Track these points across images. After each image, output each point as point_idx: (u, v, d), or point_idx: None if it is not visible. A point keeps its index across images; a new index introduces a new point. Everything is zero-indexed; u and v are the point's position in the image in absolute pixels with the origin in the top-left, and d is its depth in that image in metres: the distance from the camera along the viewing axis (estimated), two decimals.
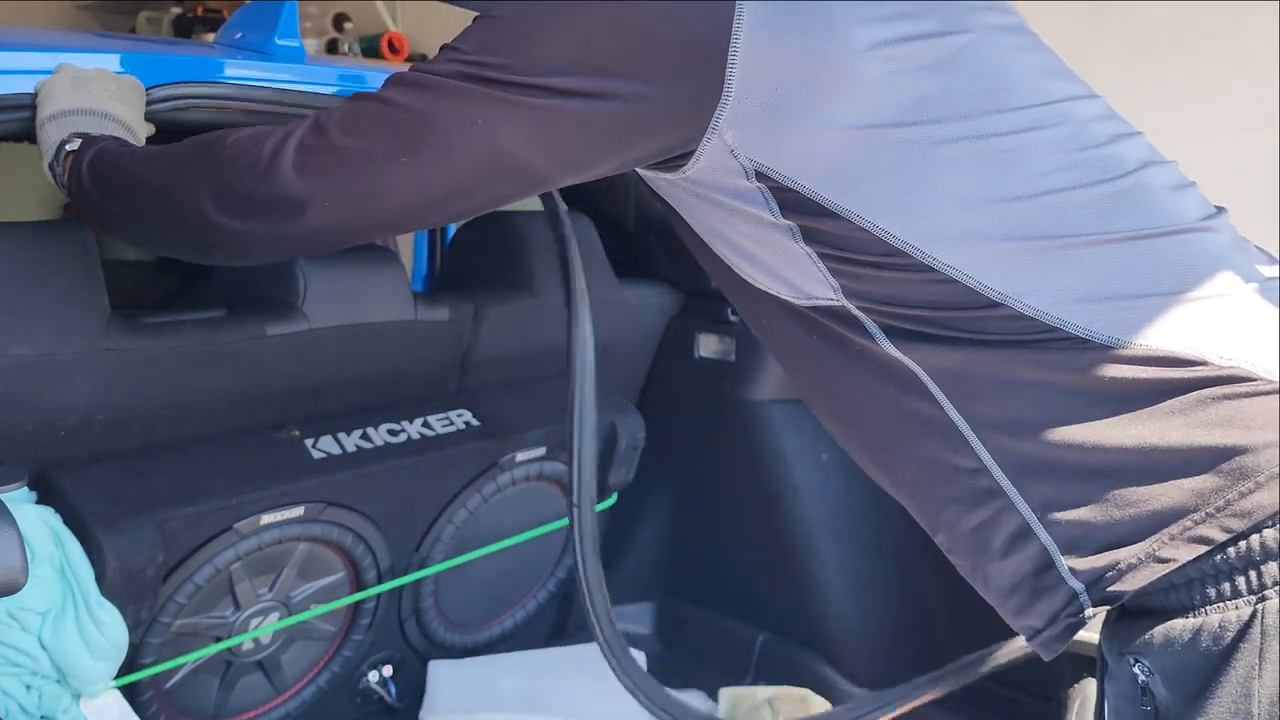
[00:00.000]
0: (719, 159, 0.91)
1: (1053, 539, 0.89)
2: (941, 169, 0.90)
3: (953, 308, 0.90)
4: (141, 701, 1.44)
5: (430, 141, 0.92)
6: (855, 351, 0.96)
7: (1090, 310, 0.88)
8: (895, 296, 0.92)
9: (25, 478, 1.25)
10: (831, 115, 0.88)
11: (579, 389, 1.57)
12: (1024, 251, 0.89)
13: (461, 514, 1.73)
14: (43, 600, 1.22)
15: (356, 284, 1.57)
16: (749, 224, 0.96)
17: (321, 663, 1.70)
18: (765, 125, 0.89)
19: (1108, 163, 0.94)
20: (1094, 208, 0.91)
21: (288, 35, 1.66)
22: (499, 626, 1.96)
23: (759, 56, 0.87)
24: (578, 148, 0.93)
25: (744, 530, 2.05)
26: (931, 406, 0.93)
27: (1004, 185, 0.90)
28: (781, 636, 1.97)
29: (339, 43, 4.44)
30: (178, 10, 4.64)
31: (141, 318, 1.39)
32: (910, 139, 0.89)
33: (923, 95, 0.90)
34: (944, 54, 0.92)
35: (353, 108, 0.96)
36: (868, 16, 0.90)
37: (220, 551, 1.43)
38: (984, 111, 0.91)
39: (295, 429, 1.55)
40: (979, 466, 0.92)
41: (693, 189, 0.97)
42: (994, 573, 0.95)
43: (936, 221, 0.90)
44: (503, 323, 1.76)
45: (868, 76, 0.88)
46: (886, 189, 0.90)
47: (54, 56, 1.32)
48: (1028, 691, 1.80)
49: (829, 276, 0.94)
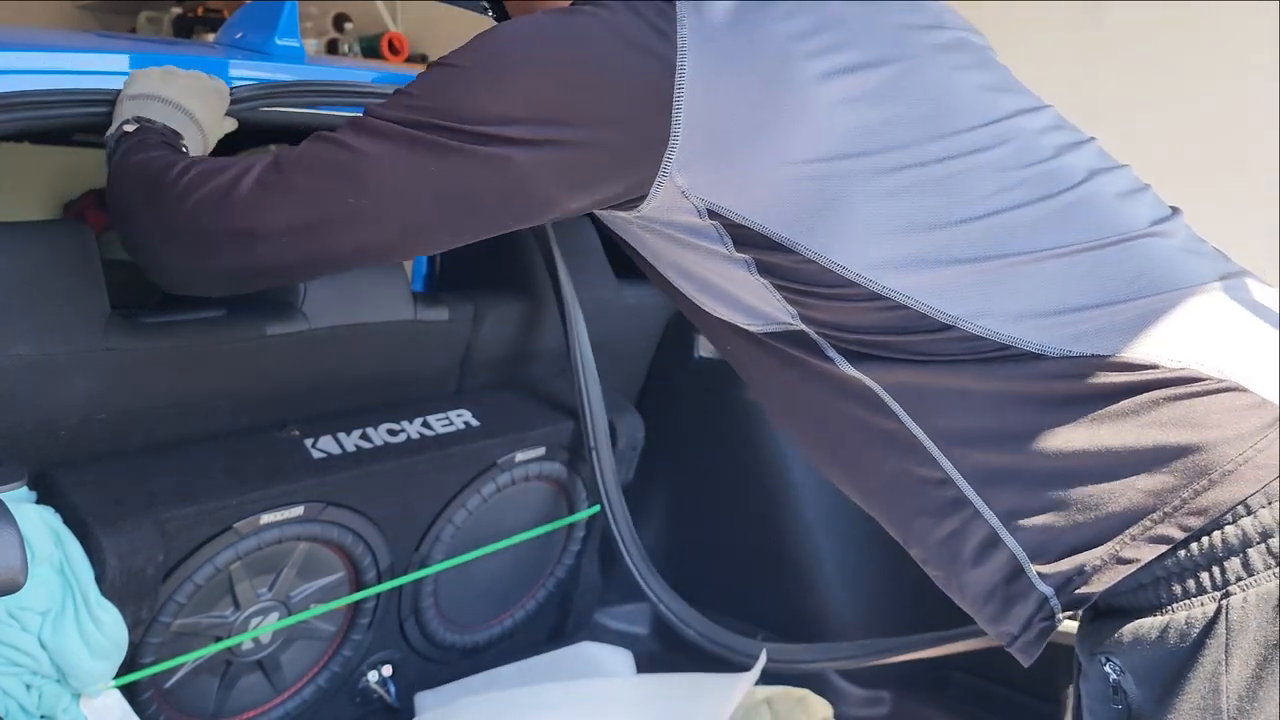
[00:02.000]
0: (671, 199, 0.93)
1: (1020, 546, 0.90)
2: (885, 199, 0.91)
3: (906, 332, 0.92)
4: (141, 701, 1.44)
5: (379, 185, 0.94)
6: (816, 373, 0.98)
7: (1041, 325, 0.90)
8: (849, 324, 0.94)
9: (25, 477, 1.25)
10: (779, 151, 0.90)
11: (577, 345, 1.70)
12: (972, 274, 0.91)
13: (461, 514, 1.74)
14: (43, 600, 1.22)
15: (356, 284, 1.57)
16: (706, 258, 0.97)
17: (321, 662, 1.70)
18: (714, 166, 0.91)
19: (1054, 177, 0.96)
20: (1040, 224, 0.93)
21: (288, 35, 1.66)
22: (499, 626, 1.96)
23: (704, 100, 0.89)
24: (529, 194, 0.94)
25: (743, 530, 2.05)
26: (893, 422, 0.95)
27: (948, 210, 0.92)
28: (781, 636, 1.97)
29: (339, 43, 4.44)
30: (178, 10, 4.64)
31: (141, 318, 1.39)
32: (854, 170, 0.91)
33: (865, 126, 0.92)
34: (884, 83, 0.93)
35: (309, 148, 0.98)
36: (812, 50, 0.92)
37: (220, 551, 1.43)
38: (926, 138, 0.93)
39: (295, 429, 1.56)
40: (944, 478, 0.93)
41: (649, 226, 0.99)
42: (968, 582, 0.97)
43: (883, 251, 0.91)
44: (502, 323, 1.76)
45: (816, 108, 0.90)
46: (833, 222, 0.91)
47: (54, 57, 1.33)
48: (1028, 692, 1.81)
49: (785, 305, 0.96)
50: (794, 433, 1.11)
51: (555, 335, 1.87)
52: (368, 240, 0.97)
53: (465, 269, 1.95)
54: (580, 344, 1.77)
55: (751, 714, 1.70)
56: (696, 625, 1.79)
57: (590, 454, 1.78)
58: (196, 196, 0.98)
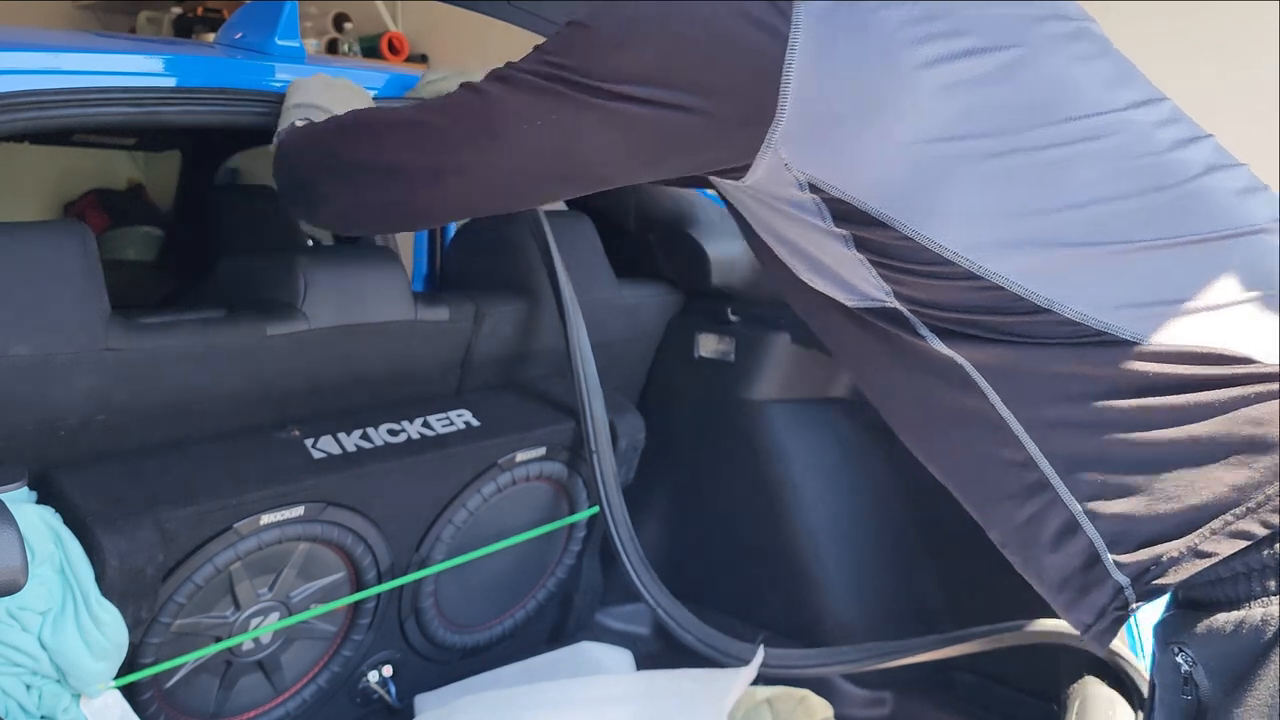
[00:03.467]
0: (774, 172, 0.97)
1: (1099, 533, 0.91)
2: (988, 182, 0.93)
3: (1000, 312, 0.93)
4: (141, 701, 1.44)
5: (507, 129, 1.03)
6: (908, 350, 1.00)
7: (1138, 314, 0.90)
8: (943, 301, 0.96)
9: (25, 477, 1.25)
10: (882, 131, 0.93)
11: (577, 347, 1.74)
12: (1071, 259, 0.92)
13: (461, 514, 1.74)
14: (43, 600, 1.22)
15: (356, 284, 1.57)
16: (806, 230, 1.01)
17: (321, 662, 1.70)
18: (817, 141, 0.94)
19: (1168, 169, 0.96)
20: (1147, 215, 0.94)
21: (288, 35, 1.66)
22: (499, 626, 1.96)
23: (812, 78, 0.92)
24: (642, 150, 1.01)
25: (744, 530, 2.05)
26: (981, 402, 0.96)
27: (1051, 196, 0.93)
28: (781, 636, 1.97)
29: (339, 43, 4.45)
30: (178, 10, 4.64)
31: (141, 318, 1.39)
32: (958, 153, 0.93)
33: (971, 110, 0.93)
34: (995, 69, 0.95)
35: (453, 94, 1.09)
36: (920, 36, 0.94)
37: (220, 551, 1.43)
38: (1033, 125, 0.94)
39: (295, 429, 1.56)
40: (1027, 460, 0.94)
41: (757, 196, 1.03)
42: (1045, 567, 0.98)
43: (982, 231, 0.93)
44: (503, 323, 1.76)
45: (919, 93, 0.93)
46: (933, 201, 0.93)
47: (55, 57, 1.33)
48: (1028, 691, 1.81)
49: (880, 281, 0.98)
50: (882, 409, 1.12)
51: (556, 335, 1.87)
52: (494, 182, 1.07)
53: (465, 269, 1.95)
54: (580, 346, 1.77)
55: (752, 714, 1.70)
56: (694, 630, 1.79)
57: (591, 456, 1.78)
58: (356, 134, 1.14)
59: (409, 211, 1.16)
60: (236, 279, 1.62)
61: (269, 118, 1.43)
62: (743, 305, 1.98)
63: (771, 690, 1.74)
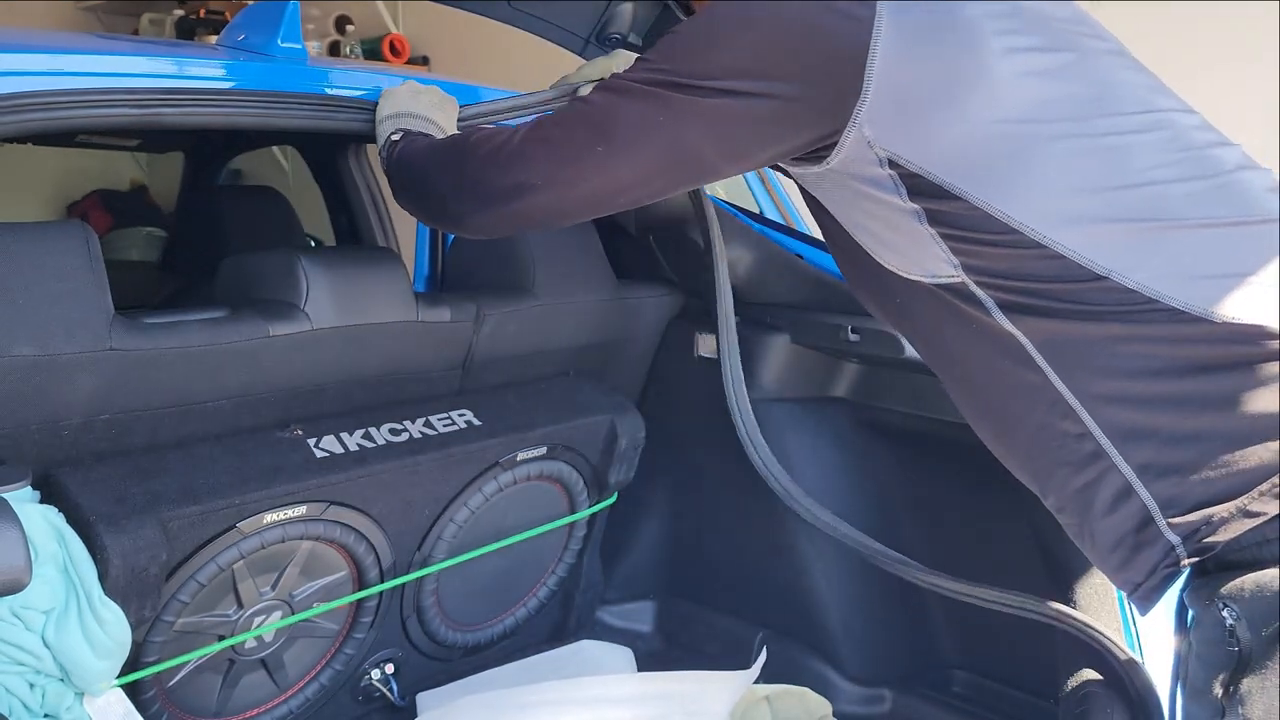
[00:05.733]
0: (858, 150, 1.06)
1: (1152, 497, 1.00)
2: (1055, 160, 1.03)
3: (1060, 280, 1.02)
4: (144, 700, 1.45)
5: (620, 133, 1.12)
6: (974, 327, 1.09)
7: (1187, 286, 0.99)
8: (1008, 270, 1.04)
9: (29, 477, 1.26)
10: (962, 110, 1.03)
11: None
12: (1127, 233, 1.01)
13: (463, 513, 1.74)
14: (46, 599, 1.22)
15: (358, 285, 1.58)
16: (882, 209, 1.10)
17: (324, 661, 1.71)
18: (899, 120, 1.04)
19: (1208, 162, 1.07)
20: (1195, 198, 1.03)
21: (290, 37, 1.67)
22: (500, 625, 1.96)
23: (894, 62, 1.03)
24: (742, 140, 1.11)
25: (744, 529, 2.05)
26: (1039, 376, 1.05)
27: (1111, 176, 1.03)
28: (781, 634, 1.97)
29: (341, 45, 4.45)
30: (180, 12, 4.65)
31: (145, 318, 1.39)
32: (1029, 134, 1.03)
33: (1042, 98, 1.04)
34: (1061, 65, 1.07)
35: (565, 109, 1.20)
36: (1000, 29, 1.05)
37: (223, 550, 1.43)
38: (1096, 115, 1.05)
39: (298, 428, 1.56)
40: (1084, 431, 1.03)
41: (835, 179, 1.12)
42: (1099, 529, 1.05)
43: (1047, 204, 1.02)
44: (504, 323, 1.77)
45: (999, 78, 1.03)
46: (1004, 175, 1.03)
47: (59, 59, 1.33)
48: (1027, 690, 1.81)
49: (950, 255, 1.07)
50: (949, 385, 1.21)
51: (556, 335, 1.88)
52: (614, 185, 1.16)
53: (467, 269, 1.95)
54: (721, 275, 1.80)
55: (751, 712, 1.70)
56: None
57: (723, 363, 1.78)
58: (479, 155, 1.22)
59: (537, 220, 1.24)
60: (239, 279, 1.62)
61: (270, 118, 1.43)
62: (742, 305, 1.98)
63: (771, 688, 1.74)
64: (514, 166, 1.18)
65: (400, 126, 1.41)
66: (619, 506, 2.04)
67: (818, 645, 1.96)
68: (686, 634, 2.15)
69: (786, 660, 1.92)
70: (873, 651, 1.95)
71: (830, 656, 1.95)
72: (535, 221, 1.25)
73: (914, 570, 1.58)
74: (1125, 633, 1.39)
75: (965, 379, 1.17)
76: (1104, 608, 1.42)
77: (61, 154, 3.46)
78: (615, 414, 1.89)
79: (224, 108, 1.43)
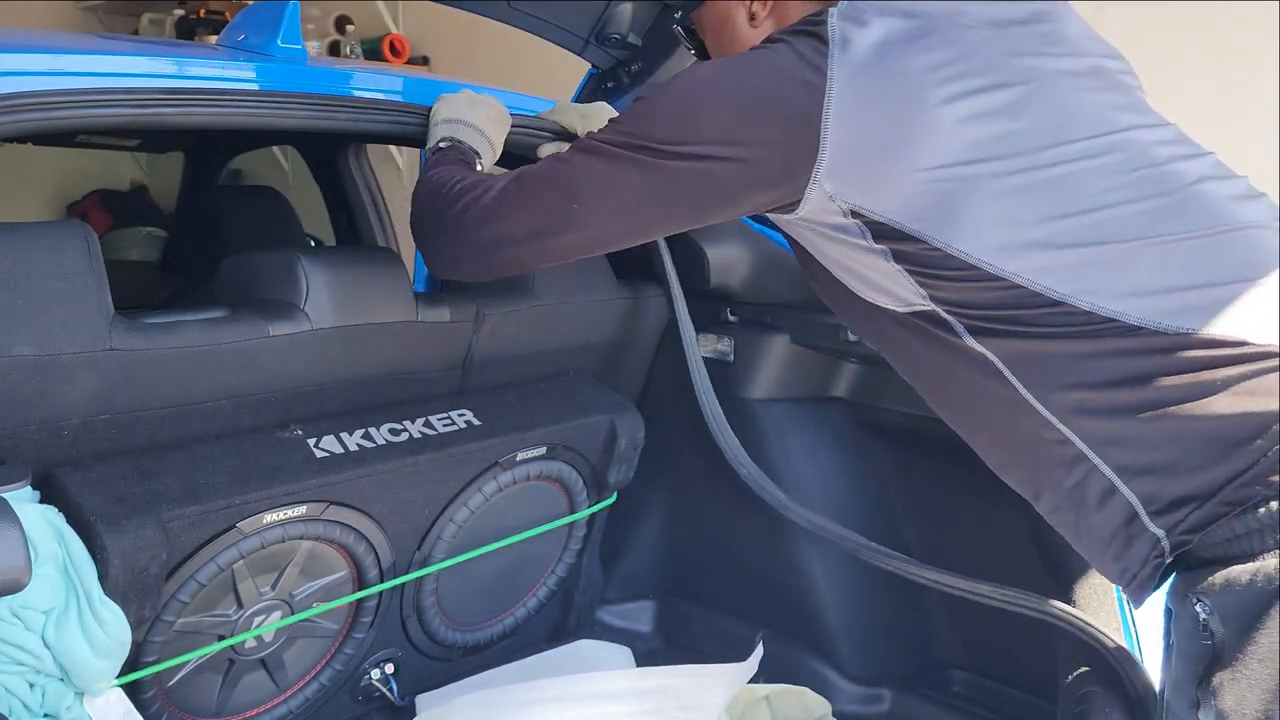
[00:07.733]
0: (821, 203, 1.13)
1: (1134, 494, 1.04)
2: (1001, 197, 1.08)
3: (1021, 307, 1.08)
4: (144, 700, 1.45)
5: (592, 191, 1.20)
6: (947, 348, 1.15)
7: (1142, 302, 1.04)
8: (972, 300, 1.10)
9: (29, 477, 1.26)
10: (911, 161, 1.09)
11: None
12: (1079, 258, 1.06)
13: (463, 513, 1.74)
14: (46, 599, 1.22)
15: (358, 285, 1.58)
16: (852, 250, 1.17)
17: (323, 660, 1.71)
18: (855, 175, 1.11)
19: (1166, 179, 1.11)
20: (1148, 215, 1.07)
21: (290, 38, 1.67)
22: (500, 624, 1.97)
23: (846, 123, 1.09)
24: (708, 199, 1.18)
25: (743, 529, 2.05)
26: (1011, 391, 1.10)
27: (1059, 205, 1.08)
28: (780, 635, 1.97)
29: (341, 45, 4.45)
30: (180, 12, 4.65)
31: (145, 318, 1.39)
32: (975, 174, 1.08)
33: (986, 139, 1.09)
34: (1006, 103, 1.11)
35: (543, 164, 1.27)
36: (941, 78, 1.10)
37: (223, 550, 1.44)
38: (1040, 147, 1.10)
39: (298, 428, 1.56)
40: (1063, 438, 1.08)
41: (805, 225, 1.19)
42: (1093, 525, 1.10)
43: (999, 239, 1.08)
44: (504, 323, 1.77)
45: (941, 126, 1.09)
46: (956, 216, 1.08)
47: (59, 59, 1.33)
48: (1026, 690, 1.81)
49: (918, 287, 1.13)
50: (934, 405, 1.26)
51: (556, 335, 1.88)
52: (587, 238, 1.24)
53: None
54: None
55: (750, 711, 1.71)
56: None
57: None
58: (459, 206, 1.29)
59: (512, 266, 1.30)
60: (239, 279, 1.62)
61: (270, 118, 1.43)
62: (741, 305, 1.99)
63: (770, 687, 1.74)
64: (491, 219, 1.26)
65: (451, 134, 1.47)
66: (618, 506, 2.04)
67: (817, 645, 1.96)
68: (686, 634, 2.16)
69: (786, 660, 1.92)
70: (872, 651, 1.95)
71: (829, 656, 1.95)
72: (513, 268, 1.32)
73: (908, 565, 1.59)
74: (1125, 633, 1.39)
75: (949, 399, 1.23)
76: (1103, 608, 1.42)
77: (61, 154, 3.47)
78: (615, 414, 1.89)
79: (224, 108, 1.43)
